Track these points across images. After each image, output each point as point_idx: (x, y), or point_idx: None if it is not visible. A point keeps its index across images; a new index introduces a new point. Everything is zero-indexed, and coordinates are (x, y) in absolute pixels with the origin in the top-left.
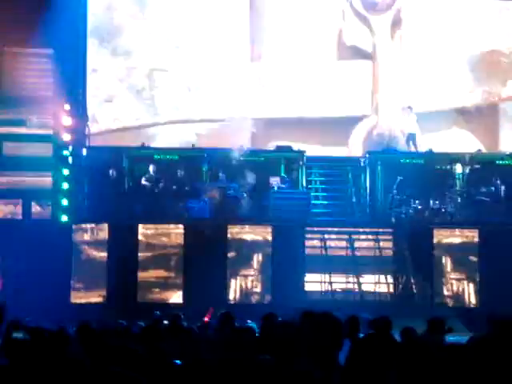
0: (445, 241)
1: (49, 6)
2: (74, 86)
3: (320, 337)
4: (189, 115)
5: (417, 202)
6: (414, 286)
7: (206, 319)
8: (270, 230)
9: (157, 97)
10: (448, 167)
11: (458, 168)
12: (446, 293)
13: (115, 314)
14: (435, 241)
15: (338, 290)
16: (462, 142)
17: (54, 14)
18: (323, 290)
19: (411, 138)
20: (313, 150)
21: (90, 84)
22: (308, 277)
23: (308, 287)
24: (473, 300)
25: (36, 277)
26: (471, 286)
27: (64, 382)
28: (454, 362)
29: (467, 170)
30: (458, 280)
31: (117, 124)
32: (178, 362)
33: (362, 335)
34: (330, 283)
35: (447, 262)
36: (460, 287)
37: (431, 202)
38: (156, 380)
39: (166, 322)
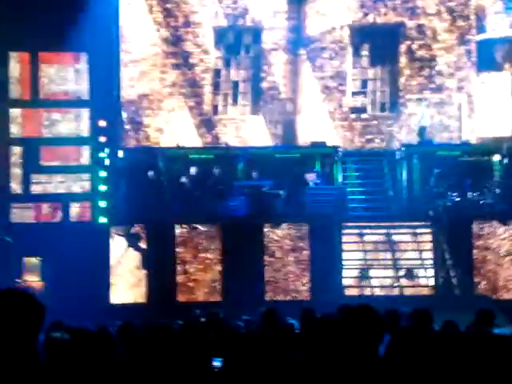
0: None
1: (82, 10)
2: (108, 87)
3: (359, 330)
4: None
5: (454, 194)
6: (453, 279)
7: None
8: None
9: None
10: (485, 158)
11: (496, 158)
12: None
13: (155, 314)
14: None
15: (376, 285)
16: None
17: (88, 17)
18: (362, 285)
19: (422, 130)
20: None
21: None
22: (346, 272)
23: (346, 283)
24: None
25: (76, 278)
26: None
27: (108, 382)
28: (501, 354)
29: (505, 161)
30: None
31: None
32: (217, 360)
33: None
34: (369, 278)
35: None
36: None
37: (469, 194)
38: (197, 377)
39: (203, 319)
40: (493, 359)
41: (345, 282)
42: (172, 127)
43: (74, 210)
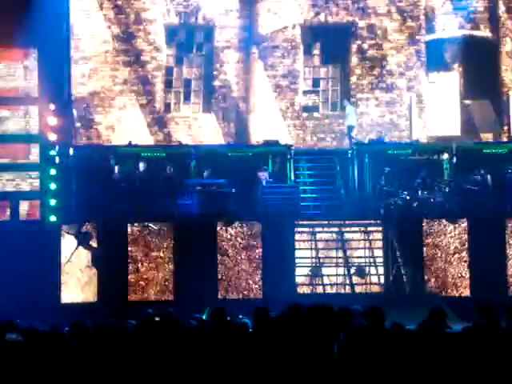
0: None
1: (32, 5)
2: (59, 85)
3: (316, 329)
4: None
5: (405, 192)
6: (404, 277)
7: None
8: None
9: None
10: (435, 157)
11: (445, 157)
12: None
13: (106, 313)
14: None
15: (328, 283)
16: None
17: (38, 13)
18: (314, 283)
19: (351, 130)
20: None
21: None
22: (298, 271)
23: (299, 281)
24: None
25: (25, 278)
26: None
27: (60, 381)
28: (454, 350)
29: (454, 159)
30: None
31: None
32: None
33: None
34: (321, 276)
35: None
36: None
37: (419, 192)
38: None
39: (157, 318)
40: (446, 356)
41: (297, 279)
42: (123, 125)
43: (23, 208)
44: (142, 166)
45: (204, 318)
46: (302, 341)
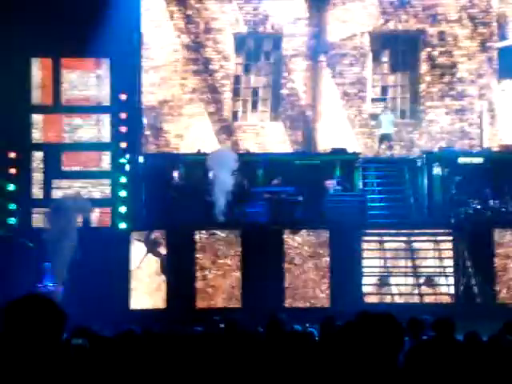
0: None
1: (104, 16)
2: (130, 93)
3: (380, 338)
4: None
5: (476, 202)
6: (475, 288)
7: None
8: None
9: None
10: (508, 166)
11: None
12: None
13: (174, 320)
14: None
15: (397, 292)
16: None
17: (110, 24)
18: (381, 292)
19: (386, 138)
20: None
21: None
22: (366, 280)
23: (366, 290)
24: None
25: (96, 284)
26: None
27: None
28: None
29: None
30: None
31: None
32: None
33: (425, 337)
34: (389, 286)
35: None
36: None
37: (491, 201)
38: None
39: (222, 325)
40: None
41: (364, 289)
42: (192, 133)
43: (95, 215)
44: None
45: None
46: (367, 350)
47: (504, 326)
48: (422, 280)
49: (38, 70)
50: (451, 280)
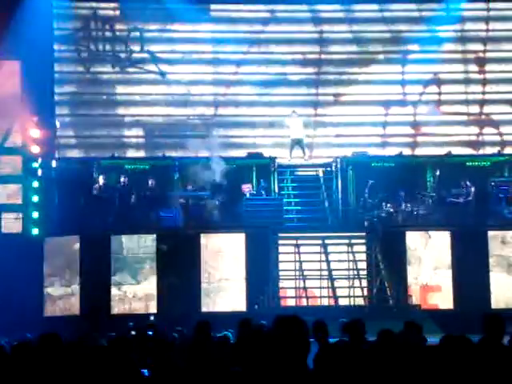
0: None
1: (15, 18)
2: (42, 97)
3: (289, 340)
4: None
5: (388, 205)
6: (388, 290)
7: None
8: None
9: None
10: (419, 170)
11: (429, 170)
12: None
13: (89, 326)
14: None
15: (312, 295)
16: None
17: (21, 25)
18: (298, 296)
19: (298, 143)
20: None
21: None
22: (282, 283)
23: (282, 293)
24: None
25: (8, 291)
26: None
27: None
28: (429, 362)
29: (438, 172)
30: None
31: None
32: (145, 371)
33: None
34: (305, 289)
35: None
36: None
37: (403, 204)
38: None
39: (133, 332)
40: (422, 367)
41: (281, 292)
42: None
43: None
44: (123, 179)
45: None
46: (277, 352)
47: (405, 324)
48: (336, 283)
49: None
50: (365, 282)
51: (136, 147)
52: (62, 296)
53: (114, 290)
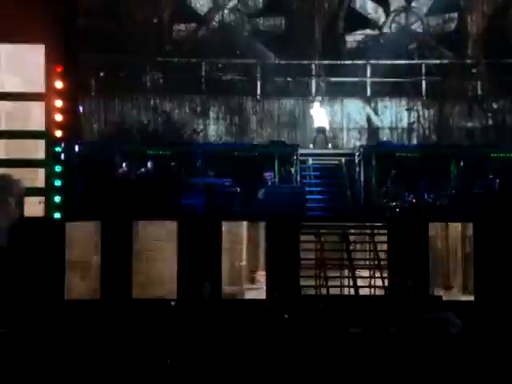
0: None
1: (40, 2)
2: (66, 82)
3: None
4: None
5: (411, 195)
6: (409, 280)
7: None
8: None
9: None
10: (443, 161)
11: (453, 161)
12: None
13: (110, 310)
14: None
15: (332, 285)
16: None
17: (46, 10)
18: (318, 284)
19: (321, 131)
20: None
21: None
22: (303, 272)
23: (303, 282)
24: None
25: (29, 274)
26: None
27: None
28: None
29: (462, 164)
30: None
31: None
32: None
33: None
34: (325, 278)
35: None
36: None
37: (426, 195)
38: None
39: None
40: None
41: (302, 281)
42: None
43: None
44: (149, 164)
45: None
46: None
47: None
48: (357, 272)
49: None
50: (385, 273)
51: (159, 133)
52: (83, 280)
53: (135, 276)
